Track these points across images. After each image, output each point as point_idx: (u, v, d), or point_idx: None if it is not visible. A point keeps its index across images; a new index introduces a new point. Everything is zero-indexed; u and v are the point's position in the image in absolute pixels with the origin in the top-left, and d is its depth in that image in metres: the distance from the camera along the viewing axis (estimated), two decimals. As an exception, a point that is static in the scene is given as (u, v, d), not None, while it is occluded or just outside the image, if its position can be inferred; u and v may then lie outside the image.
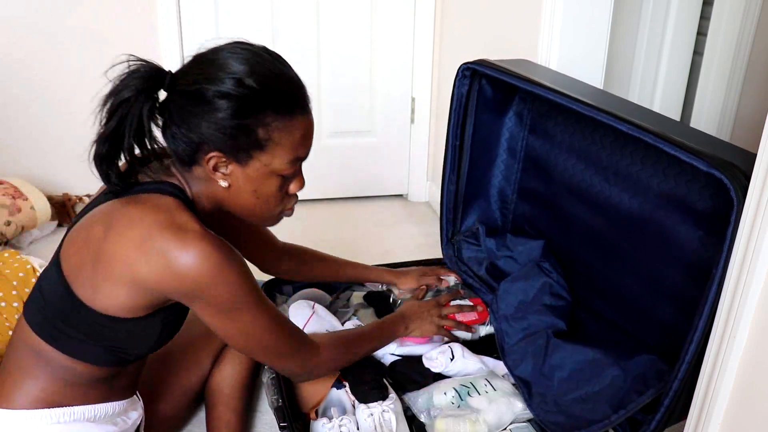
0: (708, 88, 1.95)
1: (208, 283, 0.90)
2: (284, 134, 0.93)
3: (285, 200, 1.02)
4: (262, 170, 0.94)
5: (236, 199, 0.98)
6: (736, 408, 0.91)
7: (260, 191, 0.97)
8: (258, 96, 0.90)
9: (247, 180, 0.95)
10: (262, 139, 0.92)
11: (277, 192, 0.98)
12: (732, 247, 0.90)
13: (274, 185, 0.97)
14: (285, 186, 1.00)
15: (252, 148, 0.92)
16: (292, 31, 2.31)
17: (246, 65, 0.90)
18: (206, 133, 0.90)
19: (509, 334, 1.41)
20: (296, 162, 0.97)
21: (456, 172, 1.63)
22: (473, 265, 1.66)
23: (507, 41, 1.82)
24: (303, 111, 0.96)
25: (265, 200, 0.98)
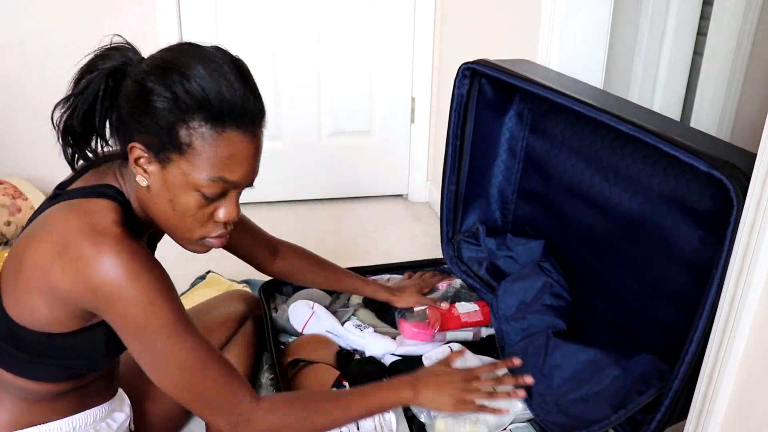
0: (708, 88, 1.95)
1: (117, 293, 0.83)
2: (207, 145, 0.84)
3: (208, 225, 0.92)
4: (181, 179, 0.86)
5: (154, 205, 0.90)
6: (736, 408, 0.91)
7: (177, 202, 0.88)
8: (195, 97, 0.83)
9: (164, 185, 0.87)
10: (183, 143, 0.84)
11: (196, 210, 0.89)
12: (732, 247, 0.90)
13: (192, 201, 0.88)
14: (208, 207, 0.90)
15: (171, 148, 0.85)
16: (292, 32, 2.31)
17: (201, 67, 0.85)
18: (135, 122, 0.86)
19: (509, 335, 1.41)
20: (219, 182, 0.87)
21: (456, 172, 1.63)
22: (473, 265, 1.66)
23: (507, 41, 1.82)
24: (239, 129, 0.86)
25: (181, 215, 0.89)
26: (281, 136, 2.46)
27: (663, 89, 2.06)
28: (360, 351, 1.44)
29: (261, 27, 2.28)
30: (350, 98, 2.45)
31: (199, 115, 0.84)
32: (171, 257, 1.42)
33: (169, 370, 0.89)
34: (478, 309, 1.50)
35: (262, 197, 2.53)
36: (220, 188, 0.88)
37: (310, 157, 2.50)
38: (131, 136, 0.87)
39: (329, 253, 1.64)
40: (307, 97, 2.41)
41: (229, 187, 0.89)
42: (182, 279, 1.89)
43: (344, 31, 2.35)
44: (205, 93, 0.84)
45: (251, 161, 0.89)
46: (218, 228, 0.93)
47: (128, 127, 0.87)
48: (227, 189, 0.89)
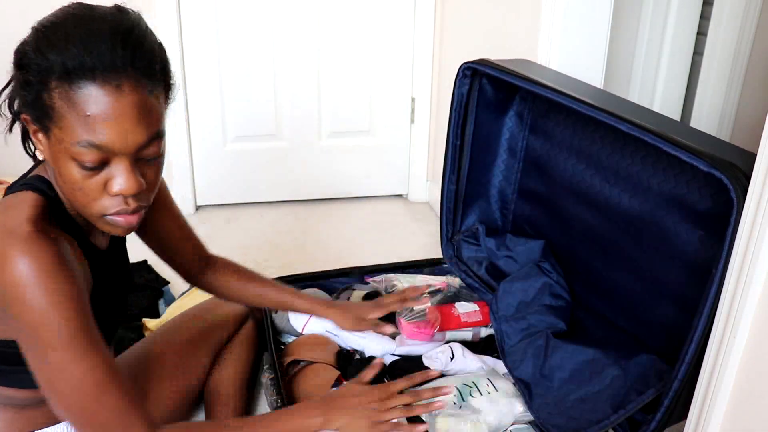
0: (708, 88, 1.95)
1: (14, 296, 0.76)
2: (68, 106, 0.75)
3: (104, 199, 0.82)
4: (58, 148, 0.78)
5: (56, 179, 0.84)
6: (736, 408, 0.91)
7: (62, 175, 0.80)
8: (47, 56, 0.75)
9: (51, 156, 0.80)
10: (48, 107, 0.76)
11: (81, 182, 0.80)
12: (732, 247, 0.90)
13: (73, 171, 0.79)
14: (96, 178, 0.80)
15: (43, 115, 0.78)
16: (292, 32, 2.31)
17: (71, 21, 0.77)
18: (19, 93, 0.81)
19: (509, 335, 1.41)
20: (90, 148, 0.77)
21: (456, 171, 1.63)
22: (473, 265, 1.66)
23: (507, 41, 1.82)
24: (95, 83, 0.75)
25: (70, 189, 0.81)
26: (281, 136, 2.46)
27: (663, 89, 2.06)
28: (360, 351, 1.44)
29: (261, 27, 2.28)
30: (350, 98, 2.45)
31: (54, 74, 0.75)
32: (171, 257, 1.43)
33: (61, 387, 0.81)
34: (477, 309, 1.50)
35: (262, 197, 2.54)
36: (95, 155, 0.78)
37: (310, 157, 2.50)
38: (15, 109, 0.84)
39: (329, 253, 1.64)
40: (307, 97, 2.41)
41: (106, 154, 0.78)
42: (182, 279, 1.89)
43: (344, 31, 2.35)
44: (57, 49, 0.75)
45: (122, 121, 0.77)
46: (116, 203, 0.82)
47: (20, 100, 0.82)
48: (105, 156, 0.78)
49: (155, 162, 0.85)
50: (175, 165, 2.34)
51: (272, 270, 1.91)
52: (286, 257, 2.13)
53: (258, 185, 2.51)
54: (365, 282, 1.67)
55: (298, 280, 1.64)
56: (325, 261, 2.08)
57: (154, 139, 0.82)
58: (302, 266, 1.77)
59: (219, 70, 2.31)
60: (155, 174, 0.86)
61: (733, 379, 0.91)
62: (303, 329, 1.45)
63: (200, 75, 2.30)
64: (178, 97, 0.95)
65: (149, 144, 0.81)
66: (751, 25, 1.84)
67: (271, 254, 2.16)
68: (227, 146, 2.43)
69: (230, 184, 2.48)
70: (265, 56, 2.32)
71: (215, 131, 2.39)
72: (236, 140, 2.43)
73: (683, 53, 2.03)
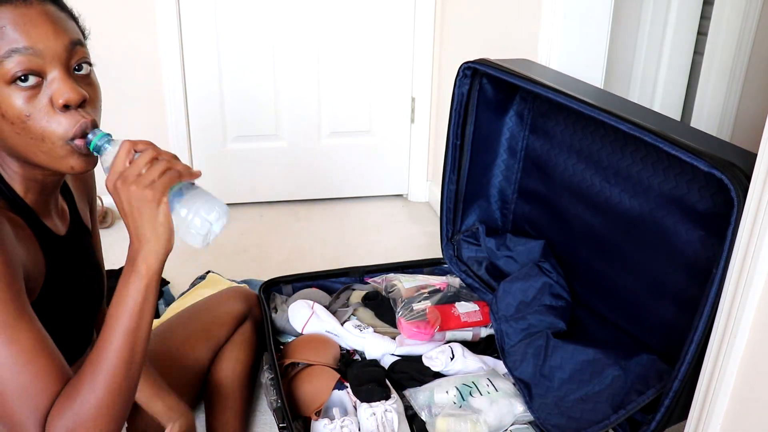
0: (708, 88, 1.95)
1: None
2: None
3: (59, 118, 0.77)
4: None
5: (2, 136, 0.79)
6: (737, 408, 0.91)
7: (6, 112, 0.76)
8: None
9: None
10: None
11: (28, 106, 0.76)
12: (732, 247, 0.90)
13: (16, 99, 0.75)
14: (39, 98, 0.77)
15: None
16: (292, 31, 2.31)
17: None
18: None
19: (509, 335, 1.41)
20: (12, 56, 0.75)
21: (456, 171, 1.63)
22: (473, 265, 1.66)
23: (507, 41, 1.82)
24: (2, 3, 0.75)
25: (22, 125, 0.77)
26: (281, 136, 2.46)
27: (663, 89, 2.06)
28: (360, 351, 1.43)
29: (261, 27, 2.28)
30: (350, 98, 2.45)
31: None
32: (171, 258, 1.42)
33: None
34: (477, 309, 1.50)
35: (262, 197, 2.53)
36: (21, 65, 0.75)
37: (310, 157, 2.50)
38: None
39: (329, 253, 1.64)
40: (307, 97, 2.41)
41: (34, 60, 0.76)
42: (182, 279, 1.89)
43: (344, 31, 2.35)
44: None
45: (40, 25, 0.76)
46: (72, 119, 0.78)
47: None
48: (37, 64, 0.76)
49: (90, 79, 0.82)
50: (175, 165, 2.34)
51: (272, 270, 1.91)
52: (286, 257, 2.13)
53: (258, 185, 2.51)
54: (365, 282, 1.67)
55: (299, 280, 1.64)
56: (325, 261, 2.08)
57: (77, 45, 0.80)
58: (302, 266, 1.77)
59: (219, 70, 2.31)
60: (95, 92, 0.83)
61: (734, 379, 0.91)
62: (303, 329, 1.45)
63: (200, 75, 2.30)
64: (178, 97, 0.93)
65: (73, 50, 0.79)
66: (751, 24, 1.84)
67: (271, 254, 2.15)
68: (227, 146, 2.43)
69: (230, 184, 2.48)
70: (265, 56, 2.32)
71: (215, 131, 2.39)
72: (236, 140, 2.43)
73: (683, 53, 2.03)
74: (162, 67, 2.24)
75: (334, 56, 2.38)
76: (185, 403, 1.14)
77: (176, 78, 2.26)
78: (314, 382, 1.29)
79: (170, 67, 2.24)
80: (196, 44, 2.25)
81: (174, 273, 1.90)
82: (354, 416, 1.22)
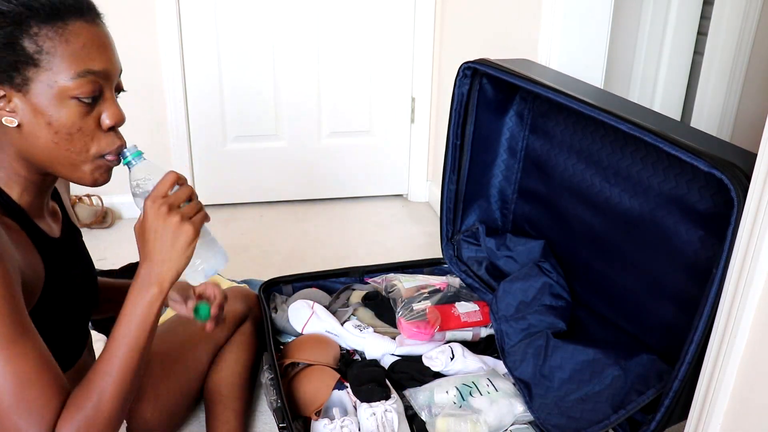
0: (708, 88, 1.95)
1: None
2: (58, 43, 0.78)
3: (100, 138, 0.83)
4: (49, 93, 0.78)
5: (34, 143, 0.81)
6: (737, 409, 0.91)
7: (56, 122, 0.80)
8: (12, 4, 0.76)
9: (36, 110, 0.79)
10: (33, 54, 0.77)
11: (79, 121, 0.81)
12: (732, 247, 0.90)
13: (72, 113, 0.80)
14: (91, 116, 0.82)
15: (23, 65, 0.77)
16: (292, 31, 2.31)
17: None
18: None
19: (509, 335, 1.41)
20: (88, 77, 0.80)
21: (456, 171, 1.63)
22: (473, 265, 1.66)
23: (507, 41, 1.82)
24: (80, 16, 0.80)
25: (67, 135, 0.81)
26: (281, 136, 2.46)
27: (663, 89, 2.06)
28: (360, 351, 1.43)
29: (261, 27, 2.28)
30: (350, 98, 2.45)
31: (33, 20, 0.77)
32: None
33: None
34: (477, 309, 1.50)
35: (262, 197, 2.53)
36: (92, 85, 0.80)
37: (310, 157, 2.50)
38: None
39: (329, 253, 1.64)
40: (307, 97, 2.41)
41: (100, 82, 0.81)
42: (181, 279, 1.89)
43: (344, 31, 2.35)
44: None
45: (108, 48, 0.83)
46: (110, 140, 0.84)
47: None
48: (100, 85, 0.81)
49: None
50: (175, 165, 2.34)
51: (272, 270, 1.91)
52: (286, 257, 2.13)
53: (258, 185, 2.51)
54: (365, 282, 1.67)
55: (299, 280, 1.64)
56: (325, 261, 2.08)
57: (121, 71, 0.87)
58: (302, 266, 1.77)
59: (219, 70, 2.31)
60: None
61: (734, 379, 0.91)
62: (303, 329, 1.45)
63: (200, 75, 2.30)
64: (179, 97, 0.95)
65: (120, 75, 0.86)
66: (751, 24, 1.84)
67: (271, 254, 2.15)
68: (227, 146, 2.43)
69: (230, 184, 2.48)
70: (265, 56, 2.32)
71: (215, 131, 2.39)
72: (236, 140, 2.43)
73: (684, 53, 2.03)
74: (162, 66, 2.24)
75: (334, 56, 2.38)
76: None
77: (176, 78, 2.26)
78: (314, 382, 1.29)
79: (170, 67, 2.24)
80: (196, 44, 2.25)
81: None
82: (354, 416, 1.22)
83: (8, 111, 0.79)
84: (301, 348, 1.38)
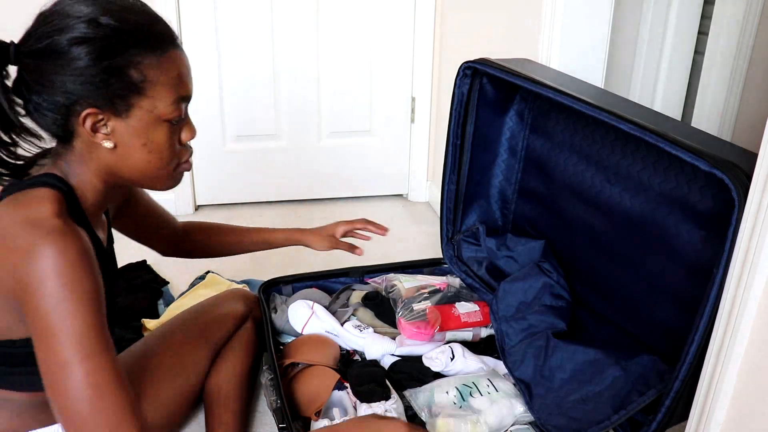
0: (709, 88, 1.95)
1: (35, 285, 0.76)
2: (160, 72, 0.84)
3: (180, 152, 0.93)
4: (147, 118, 0.85)
5: (127, 161, 0.88)
6: (737, 409, 0.91)
7: (151, 143, 0.87)
8: (119, 33, 0.81)
9: (133, 134, 0.85)
10: (138, 81, 0.83)
11: (168, 141, 0.89)
12: (733, 247, 0.89)
13: (164, 134, 0.88)
14: (176, 135, 0.91)
15: (129, 93, 0.83)
16: (291, 32, 2.31)
17: (95, 5, 0.81)
18: (72, 90, 0.80)
19: (509, 335, 1.41)
20: (180, 103, 0.88)
21: (456, 171, 1.63)
22: (473, 265, 1.65)
23: (507, 41, 1.82)
24: (174, 45, 0.87)
25: (158, 153, 0.89)
26: (281, 136, 2.46)
27: (664, 88, 2.06)
28: (360, 351, 1.43)
29: (260, 27, 2.28)
30: (350, 98, 2.45)
31: (136, 48, 0.82)
32: (171, 258, 1.42)
33: (61, 384, 0.79)
34: (478, 309, 1.50)
35: (262, 197, 2.53)
36: (182, 109, 0.89)
37: (310, 156, 2.50)
38: (70, 110, 0.82)
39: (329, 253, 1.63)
40: (307, 97, 2.41)
41: (186, 105, 0.91)
42: (182, 279, 1.89)
43: (344, 31, 2.35)
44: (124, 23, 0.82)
45: (191, 73, 0.92)
46: (186, 151, 0.95)
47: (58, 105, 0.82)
48: (185, 108, 0.91)
49: None
50: (175, 165, 2.33)
51: (272, 270, 1.91)
52: (286, 257, 2.12)
53: (258, 185, 2.51)
54: (365, 282, 1.66)
55: (298, 280, 1.63)
56: (325, 261, 2.07)
57: None
58: (302, 266, 1.76)
59: (219, 70, 2.31)
60: None
61: (735, 379, 0.90)
62: (303, 330, 1.44)
63: (200, 75, 2.30)
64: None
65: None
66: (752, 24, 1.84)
67: (271, 254, 2.15)
68: (227, 146, 2.42)
69: (230, 184, 2.48)
70: (265, 56, 2.32)
71: (215, 131, 2.39)
72: (236, 140, 2.43)
73: (684, 53, 2.03)
74: (162, 66, 2.24)
75: (335, 56, 2.37)
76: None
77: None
78: (314, 383, 1.29)
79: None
80: (196, 43, 2.25)
81: (173, 273, 1.89)
82: (354, 416, 1.22)
83: (105, 134, 0.85)
84: (301, 348, 1.38)
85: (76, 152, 0.88)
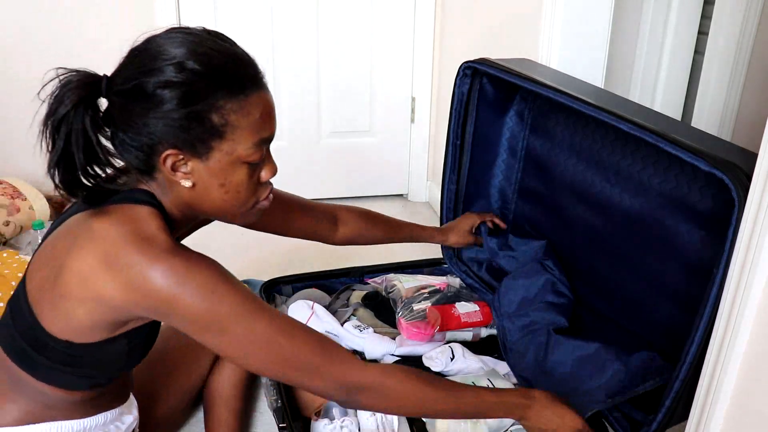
0: (709, 88, 1.95)
1: (176, 297, 0.82)
2: (241, 116, 0.84)
3: (258, 189, 0.94)
4: (226, 160, 0.86)
5: (204, 198, 0.89)
6: (738, 409, 0.91)
7: (229, 183, 0.88)
8: (203, 78, 0.81)
9: (211, 174, 0.87)
10: (219, 125, 0.83)
11: (247, 181, 0.90)
12: (733, 247, 0.89)
13: (242, 175, 0.88)
14: (255, 174, 0.91)
15: (209, 137, 0.84)
16: (291, 32, 2.31)
17: (184, 48, 0.82)
18: (155, 132, 0.82)
19: (511, 332, 1.41)
20: (261, 145, 0.88)
21: (456, 171, 1.63)
22: (473, 265, 1.66)
23: (507, 41, 1.82)
24: (257, 87, 0.87)
25: (235, 193, 0.90)
26: (281, 136, 2.44)
27: (664, 88, 2.06)
28: (360, 351, 1.43)
29: (260, 27, 2.28)
30: (350, 98, 2.45)
31: (219, 93, 0.82)
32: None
33: (255, 350, 0.88)
34: (478, 309, 1.50)
35: (262, 197, 2.53)
36: (263, 150, 0.90)
37: (310, 157, 2.50)
38: (153, 149, 0.84)
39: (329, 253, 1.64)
40: (307, 97, 2.41)
41: (267, 146, 0.91)
42: None
43: (344, 31, 2.35)
44: (209, 68, 0.82)
45: (274, 114, 0.91)
46: (266, 188, 0.96)
47: (142, 144, 0.84)
48: (266, 148, 0.91)
49: None
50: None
51: (272, 270, 1.90)
52: (286, 257, 2.13)
53: (258, 185, 2.50)
54: (365, 282, 1.67)
55: (299, 280, 1.64)
56: (325, 261, 2.07)
57: None
58: (302, 266, 1.76)
59: (219, 70, 2.30)
60: None
61: (735, 379, 0.90)
62: (303, 329, 1.44)
63: (200, 75, 2.30)
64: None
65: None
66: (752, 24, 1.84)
67: (271, 254, 2.15)
68: (227, 146, 2.42)
69: (230, 184, 2.47)
70: (265, 56, 2.32)
71: (215, 131, 2.39)
72: (236, 140, 2.42)
73: (684, 52, 2.03)
74: (162, 67, 2.23)
75: (334, 56, 2.37)
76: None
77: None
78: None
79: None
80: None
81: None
82: (354, 416, 1.22)
83: (184, 173, 0.86)
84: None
85: (158, 182, 0.90)
